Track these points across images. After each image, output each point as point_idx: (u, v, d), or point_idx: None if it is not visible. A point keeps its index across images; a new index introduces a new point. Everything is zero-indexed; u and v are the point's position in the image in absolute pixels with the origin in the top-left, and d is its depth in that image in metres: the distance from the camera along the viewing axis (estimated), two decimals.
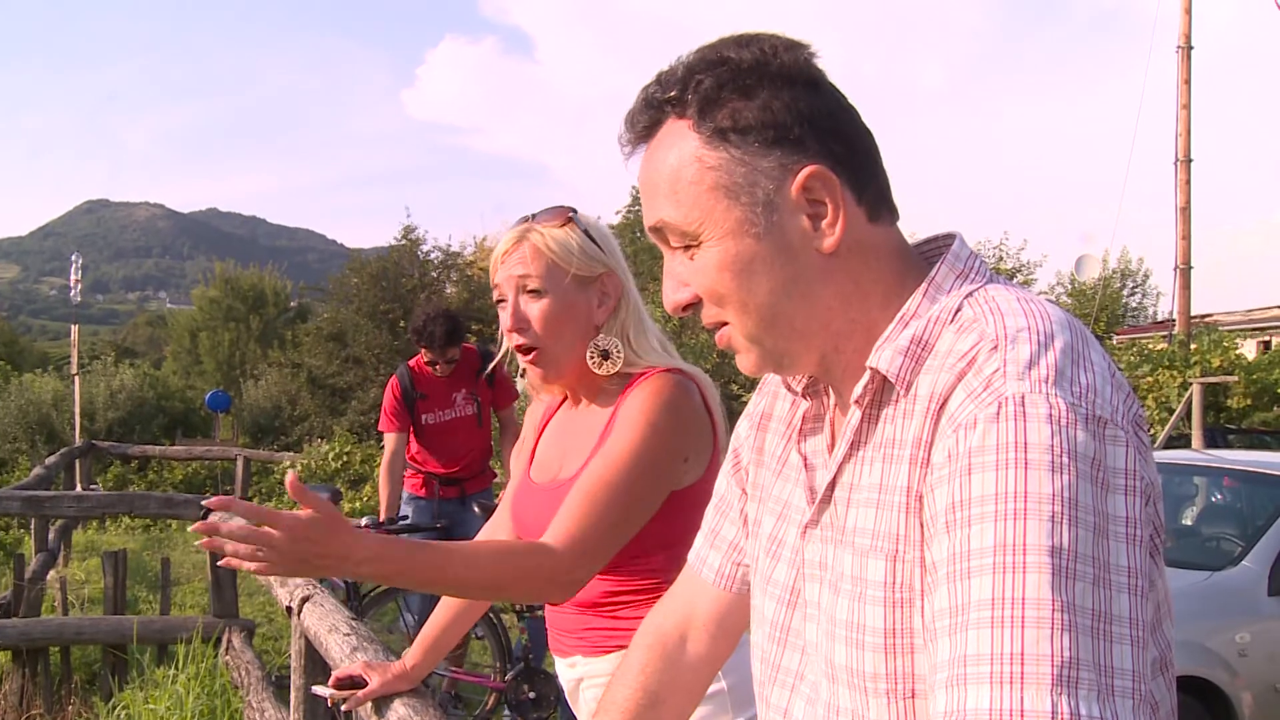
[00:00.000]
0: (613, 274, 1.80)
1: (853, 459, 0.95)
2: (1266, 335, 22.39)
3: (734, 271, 0.93)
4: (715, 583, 1.22)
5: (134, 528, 11.86)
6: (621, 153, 1.00)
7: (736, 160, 0.92)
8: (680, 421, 1.69)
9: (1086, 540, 0.74)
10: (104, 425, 18.14)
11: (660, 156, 0.96)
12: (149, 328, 71.01)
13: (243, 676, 4.24)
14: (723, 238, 0.92)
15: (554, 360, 1.77)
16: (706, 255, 0.94)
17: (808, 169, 0.91)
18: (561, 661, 1.86)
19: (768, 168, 0.92)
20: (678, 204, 0.94)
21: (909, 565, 0.86)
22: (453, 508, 5.29)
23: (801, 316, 0.94)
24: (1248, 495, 5.53)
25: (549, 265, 1.75)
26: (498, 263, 1.78)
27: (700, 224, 0.93)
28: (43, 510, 5.92)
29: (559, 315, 1.75)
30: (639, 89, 0.99)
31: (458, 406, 5.24)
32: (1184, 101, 16.43)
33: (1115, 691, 0.71)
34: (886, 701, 0.88)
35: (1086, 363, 0.82)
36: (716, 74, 0.93)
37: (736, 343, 0.98)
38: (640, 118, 0.98)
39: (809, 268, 0.93)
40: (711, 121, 0.92)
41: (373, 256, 25.19)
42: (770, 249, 0.92)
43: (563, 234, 1.77)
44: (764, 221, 0.92)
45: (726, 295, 0.94)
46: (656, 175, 0.96)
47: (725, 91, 0.92)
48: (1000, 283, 0.94)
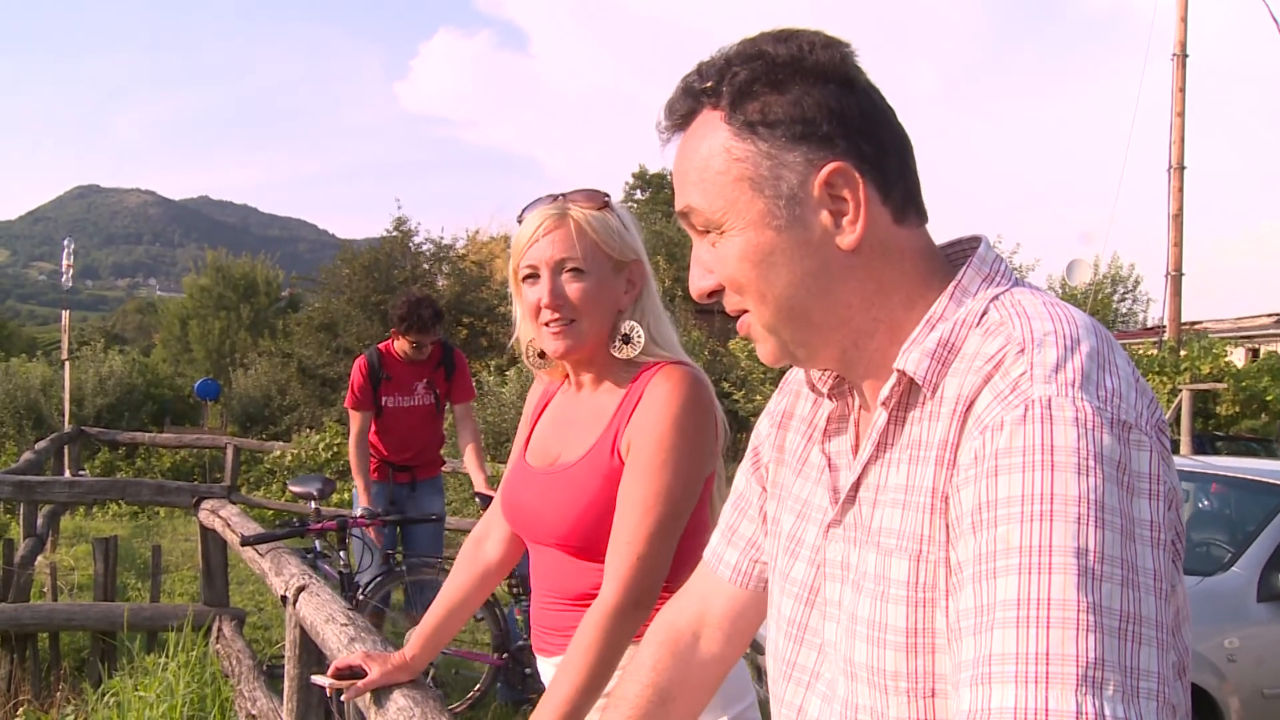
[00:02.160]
0: (640, 262, 1.82)
1: (878, 460, 0.96)
2: (1255, 343, 22.50)
3: (754, 262, 0.94)
4: (731, 579, 1.22)
5: (122, 514, 11.80)
6: (659, 139, 1.02)
7: (763, 153, 0.93)
8: (704, 418, 1.70)
9: (1113, 542, 0.75)
10: (92, 411, 18.03)
11: (692, 145, 0.97)
12: (139, 315, 70.65)
13: (233, 665, 4.23)
14: (745, 228, 0.94)
15: (582, 335, 1.77)
16: (729, 244, 0.95)
17: (831, 165, 0.92)
18: (546, 661, 1.85)
19: (793, 162, 0.92)
20: (704, 192, 0.96)
21: (933, 565, 0.87)
22: (404, 493, 5.46)
23: (819, 310, 0.95)
24: (1236, 501, 5.56)
25: (591, 246, 1.75)
26: (533, 239, 1.76)
27: (724, 213, 0.95)
28: (34, 495, 5.89)
29: (596, 296, 1.75)
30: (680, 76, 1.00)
31: (418, 395, 5.37)
32: (1178, 109, 16.48)
33: (1140, 693, 0.72)
34: (907, 700, 0.89)
35: (1112, 367, 0.83)
36: (751, 67, 0.94)
37: (756, 331, 0.99)
38: (678, 106, 0.99)
39: (829, 263, 0.94)
40: (742, 114, 0.94)
41: (364, 247, 25.10)
42: (791, 242, 0.93)
43: (603, 216, 1.78)
44: (786, 215, 0.93)
45: (746, 285, 0.96)
46: (687, 163, 0.97)
47: (758, 85, 0.93)
48: (1026, 286, 0.94)
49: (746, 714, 1.74)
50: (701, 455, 1.70)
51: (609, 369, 1.82)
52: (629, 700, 1.23)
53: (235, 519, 4.30)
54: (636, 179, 42.26)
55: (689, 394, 1.69)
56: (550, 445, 1.88)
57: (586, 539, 1.73)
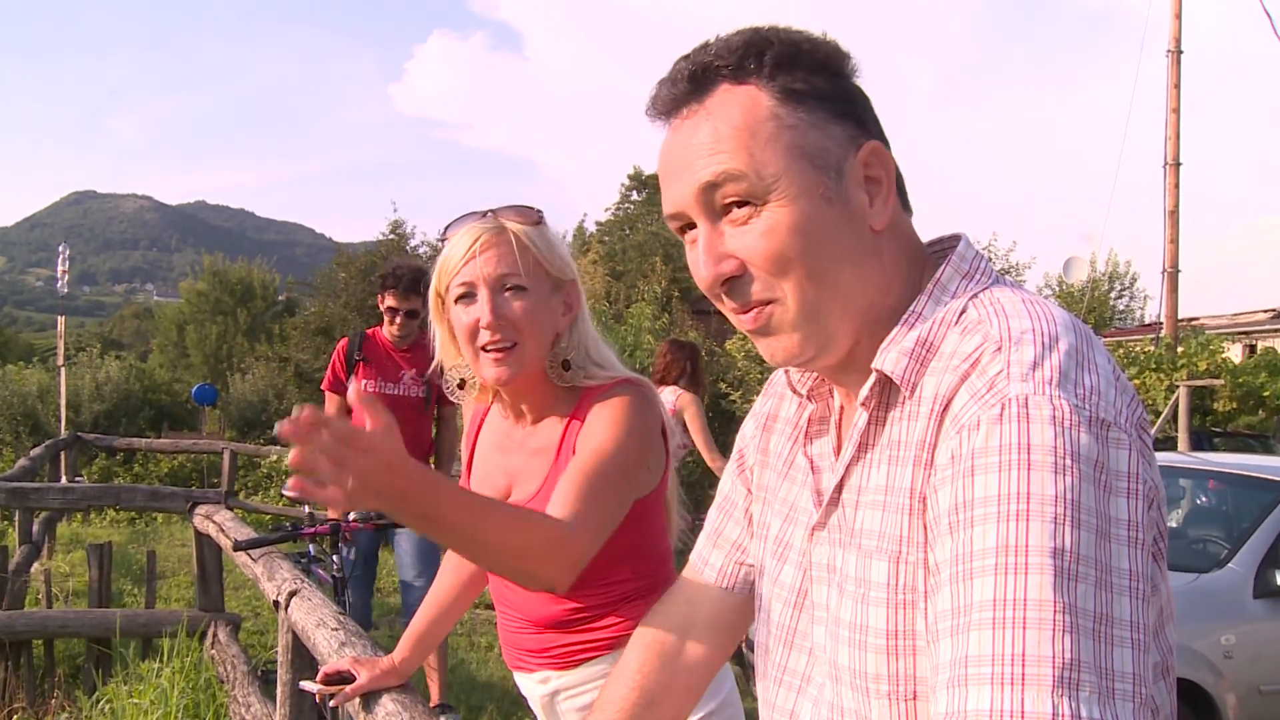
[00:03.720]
0: (576, 283, 1.73)
1: (860, 461, 0.95)
2: (1252, 339, 22.52)
3: (805, 233, 0.90)
4: (717, 582, 1.21)
5: (119, 521, 11.78)
6: (655, 117, 0.98)
7: (810, 124, 0.92)
8: (647, 429, 1.66)
9: (1089, 542, 0.74)
10: (89, 417, 18.02)
11: (722, 114, 0.93)
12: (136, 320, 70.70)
13: (228, 671, 4.22)
14: (796, 198, 0.90)
15: (524, 361, 1.65)
16: (775, 215, 0.90)
17: (870, 144, 0.93)
18: (526, 677, 1.83)
19: (839, 135, 0.92)
20: (751, 158, 0.90)
21: (912, 567, 0.86)
22: None
23: (855, 291, 0.93)
24: (1233, 498, 5.56)
25: (533, 263, 1.65)
26: (468, 256, 1.64)
27: (775, 180, 0.90)
28: (28, 502, 5.88)
29: (539, 317, 1.65)
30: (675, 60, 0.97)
31: (404, 385, 4.90)
32: (1174, 105, 16.48)
33: (1116, 694, 0.71)
34: (888, 703, 0.88)
35: (1091, 365, 0.82)
36: (784, 46, 0.93)
37: (781, 321, 0.93)
38: (685, 83, 0.95)
39: (864, 241, 0.93)
40: (788, 82, 0.92)
41: (360, 251, 25.11)
42: (837, 216, 0.92)
43: (543, 231, 1.68)
44: (834, 187, 0.92)
45: (794, 259, 0.90)
46: (716, 133, 0.92)
47: (799, 59, 0.93)
48: (1005, 284, 0.94)
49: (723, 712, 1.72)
50: (641, 459, 1.63)
51: (549, 396, 1.73)
52: (614, 703, 1.22)
53: (230, 524, 4.29)
54: (632, 180, 42.24)
55: (637, 403, 1.65)
56: (496, 477, 1.80)
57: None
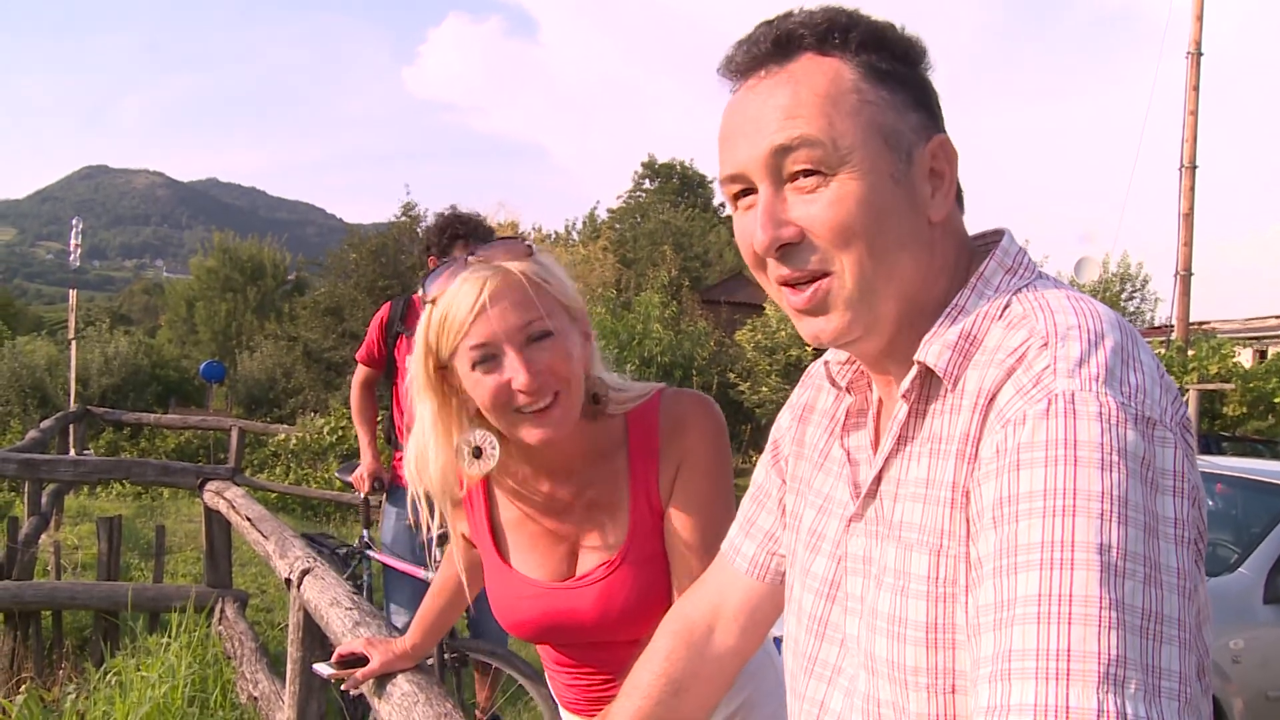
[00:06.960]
0: (583, 308, 1.56)
1: (899, 453, 0.95)
2: (1263, 344, 22.44)
3: (872, 209, 0.90)
4: (749, 572, 1.21)
5: (126, 494, 11.82)
6: (729, 76, 0.98)
7: (889, 104, 0.92)
8: (726, 436, 1.62)
9: (1137, 539, 0.73)
10: (97, 391, 18.09)
11: (806, 80, 0.92)
12: (145, 295, 70.87)
13: (236, 647, 4.23)
14: (869, 172, 0.90)
15: (571, 410, 1.46)
16: (845, 187, 0.89)
17: (940, 136, 0.94)
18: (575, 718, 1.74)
19: (913, 122, 0.93)
20: (830, 125, 0.90)
21: (953, 560, 0.86)
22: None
23: (908, 276, 0.93)
24: (1243, 502, 5.54)
25: (552, 301, 1.46)
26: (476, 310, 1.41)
27: (850, 152, 0.89)
28: (39, 473, 5.89)
29: (572, 356, 1.46)
30: (757, 24, 0.97)
31: None
32: (1191, 108, 16.40)
33: (1162, 692, 0.70)
34: (927, 695, 0.88)
35: (1136, 363, 0.81)
36: (870, 26, 0.94)
37: (836, 298, 0.92)
38: (769, 45, 0.94)
39: (920, 230, 0.93)
40: (873, 61, 0.93)
41: (372, 232, 25.16)
42: (904, 199, 0.92)
43: (544, 263, 1.49)
44: (904, 170, 0.92)
45: (858, 233, 0.89)
46: (796, 96, 0.91)
47: (884, 42, 0.94)
48: (1049, 280, 0.93)
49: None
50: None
51: (587, 437, 1.56)
52: (641, 689, 1.22)
53: (240, 501, 4.30)
54: (645, 168, 42.20)
55: (716, 418, 1.59)
56: (546, 550, 1.60)
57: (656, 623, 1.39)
